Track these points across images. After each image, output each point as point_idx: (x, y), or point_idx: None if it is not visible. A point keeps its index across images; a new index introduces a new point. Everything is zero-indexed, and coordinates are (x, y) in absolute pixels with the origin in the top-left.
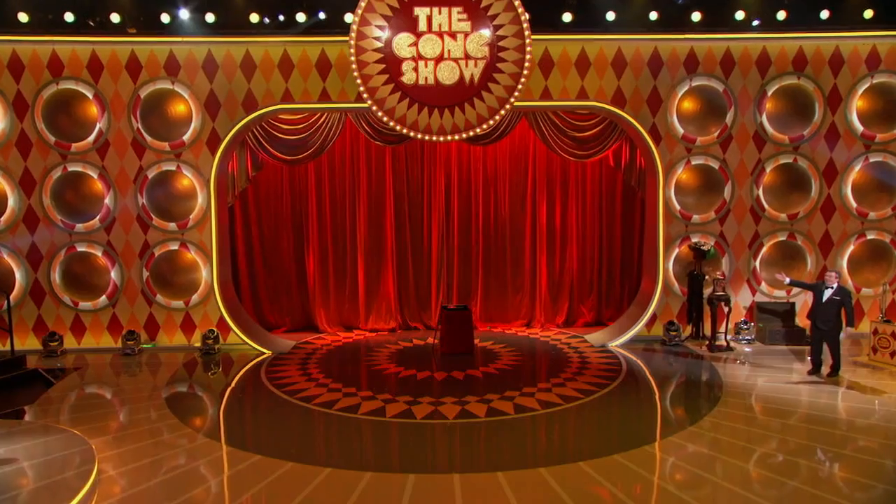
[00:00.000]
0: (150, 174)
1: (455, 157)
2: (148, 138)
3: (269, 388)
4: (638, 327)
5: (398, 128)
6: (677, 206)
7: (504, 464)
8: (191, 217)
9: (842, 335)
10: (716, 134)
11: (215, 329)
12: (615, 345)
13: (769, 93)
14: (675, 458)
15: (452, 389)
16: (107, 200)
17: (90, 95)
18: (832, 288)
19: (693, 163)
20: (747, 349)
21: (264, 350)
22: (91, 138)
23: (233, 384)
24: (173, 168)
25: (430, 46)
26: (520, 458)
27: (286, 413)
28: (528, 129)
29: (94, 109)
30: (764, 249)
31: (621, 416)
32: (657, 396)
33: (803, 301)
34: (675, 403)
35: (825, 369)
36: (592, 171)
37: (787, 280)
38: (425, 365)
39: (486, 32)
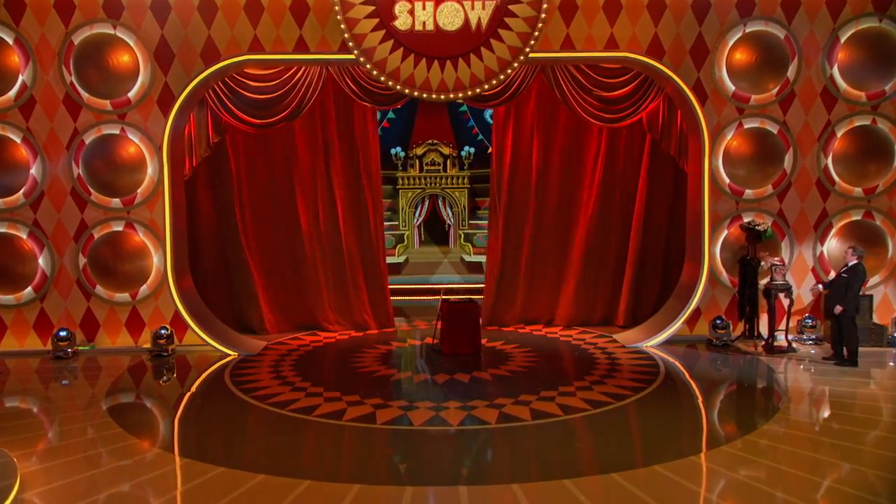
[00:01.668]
0: (88, 139)
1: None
2: (84, 95)
3: (235, 392)
4: (677, 325)
5: (390, 83)
6: (726, 180)
7: (520, 475)
8: (138, 192)
9: (837, 309)
10: (774, 91)
11: (169, 327)
12: (650, 345)
13: (842, 39)
14: (728, 471)
15: (456, 393)
16: (33, 170)
17: (10, 41)
18: (846, 266)
19: (746, 126)
20: (813, 350)
21: (229, 351)
22: (12, 94)
23: (192, 389)
24: (116, 132)
25: None
26: (539, 468)
27: (256, 420)
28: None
29: (14, 58)
30: (833, 231)
31: (660, 423)
32: (703, 402)
33: (882, 294)
34: (726, 411)
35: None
36: (632, 138)
37: (821, 287)
38: (423, 367)
39: None
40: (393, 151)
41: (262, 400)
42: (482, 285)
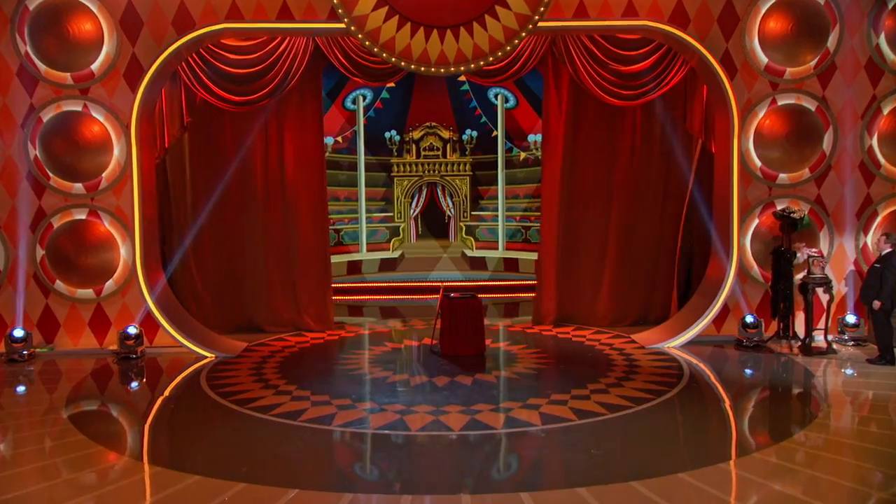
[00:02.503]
0: (46, 116)
1: None
2: (41, 67)
3: (212, 396)
4: (703, 324)
5: (384, 56)
6: (758, 163)
7: (529, 483)
8: (103, 176)
9: (875, 305)
10: (812, 63)
11: (138, 326)
12: (672, 346)
13: (890, 4)
14: (761, 479)
15: (457, 396)
16: None
17: None
18: (880, 254)
19: (780, 103)
20: (855, 351)
21: (206, 353)
22: None
23: (165, 393)
24: (78, 108)
25: None
26: (550, 475)
27: (236, 426)
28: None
29: None
30: (878, 220)
31: (685, 428)
32: (732, 407)
33: None
34: (758, 417)
35: None
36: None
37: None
38: (420, 369)
39: None
40: (387, 135)
41: (242, 404)
42: (483, 283)
